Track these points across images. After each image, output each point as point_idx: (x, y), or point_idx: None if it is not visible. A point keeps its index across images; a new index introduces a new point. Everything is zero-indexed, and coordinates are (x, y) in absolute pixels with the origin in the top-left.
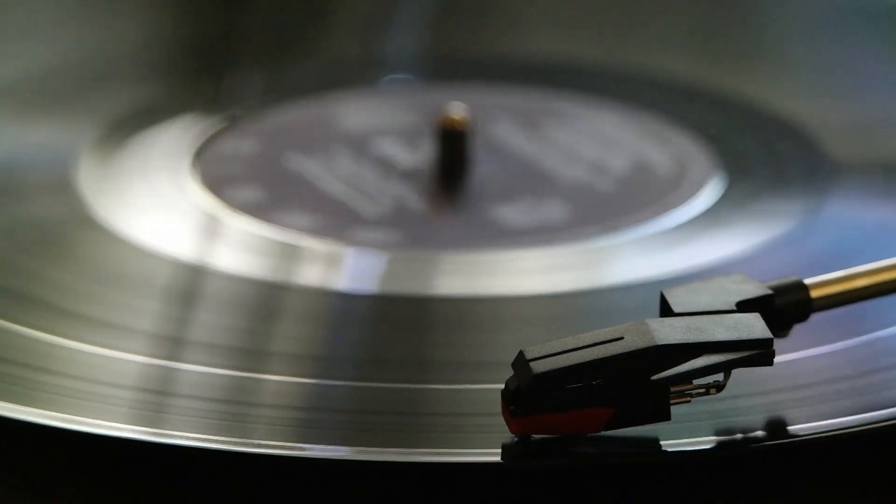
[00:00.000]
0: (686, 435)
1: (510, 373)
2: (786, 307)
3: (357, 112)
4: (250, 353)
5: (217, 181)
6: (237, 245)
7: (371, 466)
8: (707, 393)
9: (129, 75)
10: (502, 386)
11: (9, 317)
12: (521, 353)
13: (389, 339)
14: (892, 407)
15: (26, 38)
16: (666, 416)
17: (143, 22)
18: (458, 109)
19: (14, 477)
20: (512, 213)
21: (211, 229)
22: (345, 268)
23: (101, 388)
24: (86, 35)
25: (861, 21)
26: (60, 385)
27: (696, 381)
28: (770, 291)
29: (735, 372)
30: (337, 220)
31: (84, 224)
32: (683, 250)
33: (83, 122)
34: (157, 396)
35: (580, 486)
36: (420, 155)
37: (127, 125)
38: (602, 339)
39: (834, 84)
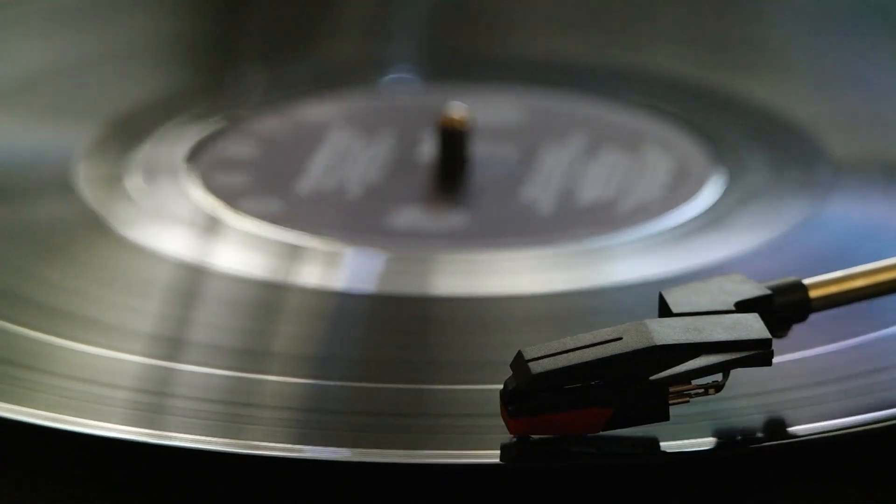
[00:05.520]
0: (685, 435)
1: (509, 373)
2: (784, 307)
3: (357, 112)
4: (250, 354)
5: (217, 181)
6: (237, 245)
7: (369, 468)
8: (706, 393)
9: (129, 75)
10: (501, 386)
11: (9, 317)
12: (519, 354)
13: (388, 339)
14: (892, 407)
15: (27, 38)
16: (665, 417)
17: (143, 22)
18: (458, 109)
19: (14, 478)
20: (511, 213)
21: (210, 229)
22: (344, 268)
23: (100, 389)
24: (86, 36)
25: (861, 21)
26: (60, 386)
27: (694, 382)
28: (769, 292)
29: (734, 372)
30: (335, 220)
31: (84, 224)
32: (683, 250)
33: (83, 122)
34: (156, 397)
35: (579, 487)
36: (420, 155)
37: (127, 125)
38: (601, 339)
39: (834, 84)
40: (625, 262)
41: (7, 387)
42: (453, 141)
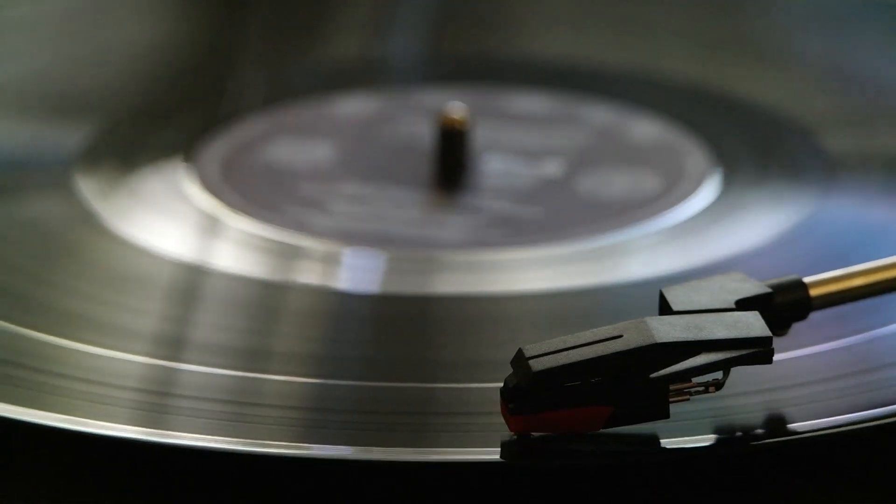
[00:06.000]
0: (685, 433)
1: (509, 371)
2: (785, 305)
3: (357, 112)
4: (252, 353)
5: (218, 181)
6: (238, 245)
7: (371, 466)
8: (706, 391)
9: (128, 75)
10: (501, 384)
11: (9, 317)
12: (520, 351)
13: (390, 338)
14: (891, 405)
15: (27, 38)
16: (665, 415)
17: (143, 22)
18: (458, 109)
19: (15, 478)
20: (511, 212)
21: (211, 229)
22: (346, 267)
23: (103, 389)
24: (86, 36)
25: (861, 19)
26: (61, 386)
27: (695, 380)
28: (769, 290)
29: (734, 370)
30: (337, 219)
31: (83, 224)
32: (683, 249)
33: (83, 122)
34: (159, 397)
35: (579, 485)
36: (419, 155)
37: (126, 125)
38: (601, 336)
39: (833, 82)
40: (625, 261)
41: (8, 387)
42: (453, 141)
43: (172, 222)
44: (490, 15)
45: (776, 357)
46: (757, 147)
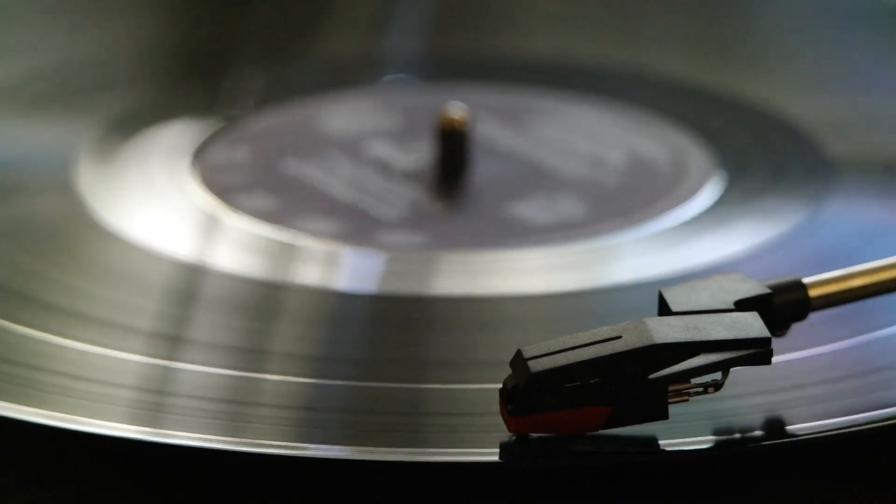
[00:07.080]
0: (684, 434)
1: (508, 372)
2: (784, 306)
3: (356, 112)
4: (250, 353)
5: (216, 181)
6: (237, 245)
7: (370, 466)
8: (705, 392)
9: (128, 75)
10: (500, 385)
11: (8, 316)
12: (519, 352)
13: (389, 338)
14: (891, 406)
15: (27, 37)
16: (664, 416)
17: (142, 22)
18: (458, 109)
19: (14, 477)
20: (511, 212)
21: (210, 229)
22: (344, 267)
23: (101, 388)
24: (85, 36)
25: (861, 20)
26: (60, 385)
27: (694, 380)
28: (768, 290)
29: (733, 371)
30: (336, 219)
31: (84, 223)
32: (683, 250)
33: (83, 122)
34: (156, 396)
35: (578, 486)
36: (419, 155)
37: (126, 125)
38: (600, 337)
39: (833, 83)
40: (625, 262)
41: (7, 385)
42: (453, 141)
43: (171, 221)
44: (490, 14)
45: (775, 358)
46: (757, 148)
